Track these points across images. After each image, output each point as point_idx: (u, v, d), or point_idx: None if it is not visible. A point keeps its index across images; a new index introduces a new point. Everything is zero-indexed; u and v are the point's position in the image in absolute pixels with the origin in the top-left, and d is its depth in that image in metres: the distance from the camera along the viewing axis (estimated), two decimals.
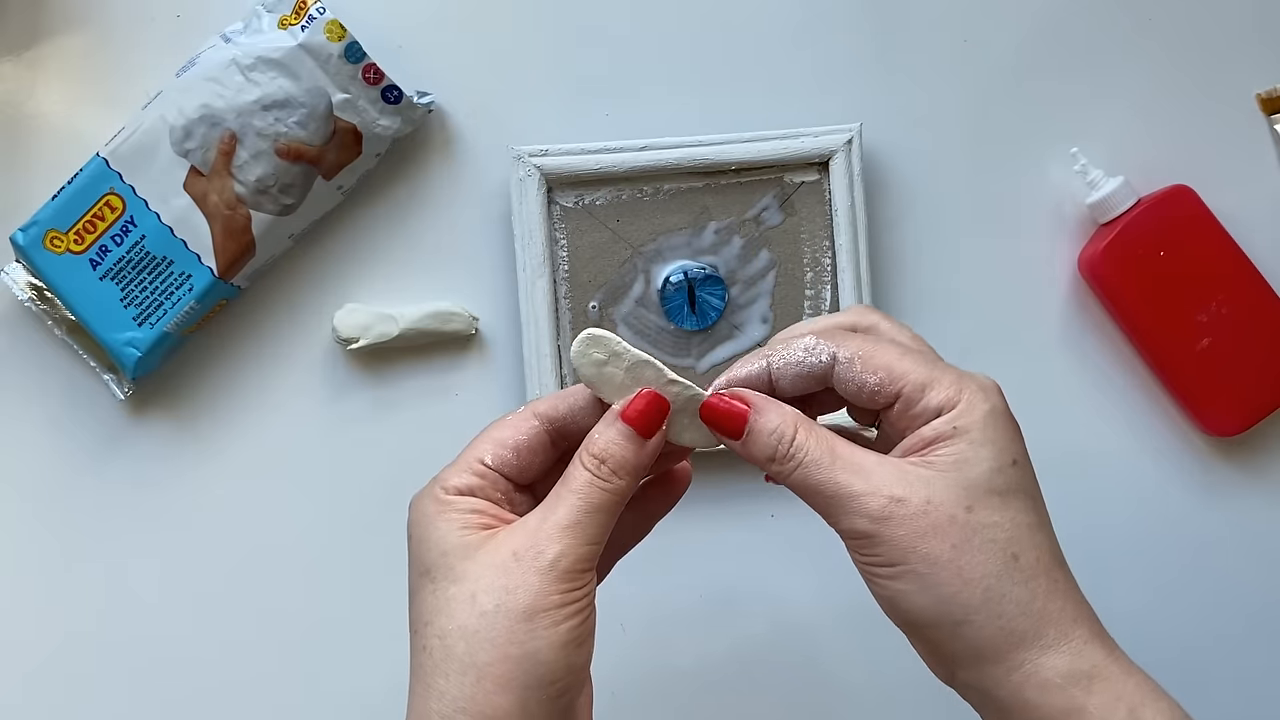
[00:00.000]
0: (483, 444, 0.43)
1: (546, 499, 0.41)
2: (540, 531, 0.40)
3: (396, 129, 0.60)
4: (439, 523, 0.41)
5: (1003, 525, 0.39)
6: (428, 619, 0.40)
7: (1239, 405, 0.63)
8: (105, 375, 0.62)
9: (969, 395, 0.40)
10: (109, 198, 0.59)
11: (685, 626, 0.64)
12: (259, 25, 0.59)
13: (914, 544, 0.39)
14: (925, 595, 0.39)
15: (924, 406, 0.40)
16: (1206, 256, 0.63)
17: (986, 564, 0.39)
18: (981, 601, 0.38)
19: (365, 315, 0.62)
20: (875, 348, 0.42)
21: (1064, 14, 0.64)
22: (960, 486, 0.39)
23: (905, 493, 0.39)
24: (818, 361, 0.42)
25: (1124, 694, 0.39)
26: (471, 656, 0.39)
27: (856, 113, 0.63)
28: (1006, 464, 0.40)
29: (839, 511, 0.40)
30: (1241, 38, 0.65)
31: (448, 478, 0.42)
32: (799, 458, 0.40)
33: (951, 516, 0.39)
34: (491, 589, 0.39)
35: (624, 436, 0.41)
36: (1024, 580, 0.39)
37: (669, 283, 0.62)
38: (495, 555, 0.40)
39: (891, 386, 0.41)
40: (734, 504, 0.64)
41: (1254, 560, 0.66)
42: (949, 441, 0.40)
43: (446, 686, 0.39)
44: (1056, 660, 0.39)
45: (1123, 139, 0.64)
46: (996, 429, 0.40)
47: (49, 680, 0.63)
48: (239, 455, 0.63)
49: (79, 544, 0.63)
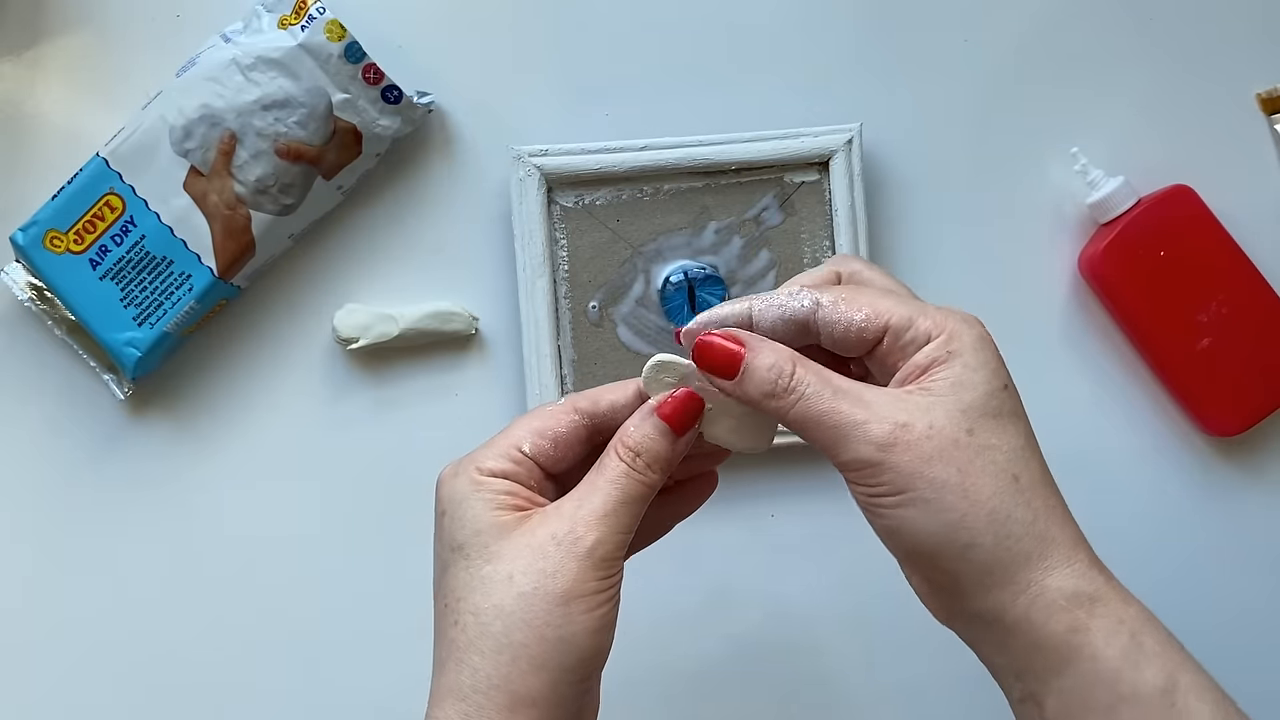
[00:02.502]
0: (520, 431, 0.43)
1: (580, 486, 0.42)
2: (577, 518, 0.41)
3: (396, 129, 0.60)
4: (473, 501, 0.42)
5: (1002, 447, 0.39)
6: (461, 595, 0.41)
7: (1239, 405, 0.63)
8: (105, 375, 0.62)
9: (955, 323, 0.41)
10: (109, 198, 0.59)
11: (685, 626, 0.64)
12: (259, 25, 0.59)
13: (920, 469, 0.38)
14: (932, 520, 0.39)
15: (913, 335, 0.41)
16: (1206, 256, 0.63)
17: (991, 485, 0.39)
18: (988, 523, 0.39)
19: (365, 315, 0.62)
20: (856, 291, 0.42)
21: (1064, 14, 0.64)
22: (960, 410, 0.39)
23: (909, 418, 0.39)
24: (800, 306, 0.42)
25: (1126, 618, 0.40)
26: (508, 636, 0.39)
27: (856, 113, 0.63)
28: (999, 387, 0.40)
29: (843, 441, 0.39)
30: (1241, 38, 0.65)
31: (483, 459, 0.43)
32: (800, 390, 0.40)
33: (955, 440, 0.39)
34: (529, 571, 0.40)
35: (659, 431, 0.42)
36: (1026, 501, 0.39)
37: (669, 283, 0.62)
38: (533, 537, 0.40)
39: (878, 320, 0.41)
40: (734, 504, 0.64)
41: (1254, 560, 0.66)
42: (944, 365, 0.40)
43: (481, 663, 0.40)
44: (1061, 581, 0.39)
45: (1123, 139, 0.64)
46: (987, 353, 0.41)
47: (49, 679, 0.62)
48: (239, 455, 0.63)
49: (79, 544, 0.63)
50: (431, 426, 0.63)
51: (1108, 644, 0.39)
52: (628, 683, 0.64)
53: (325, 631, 0.63)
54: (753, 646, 0.65)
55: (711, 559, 0.65)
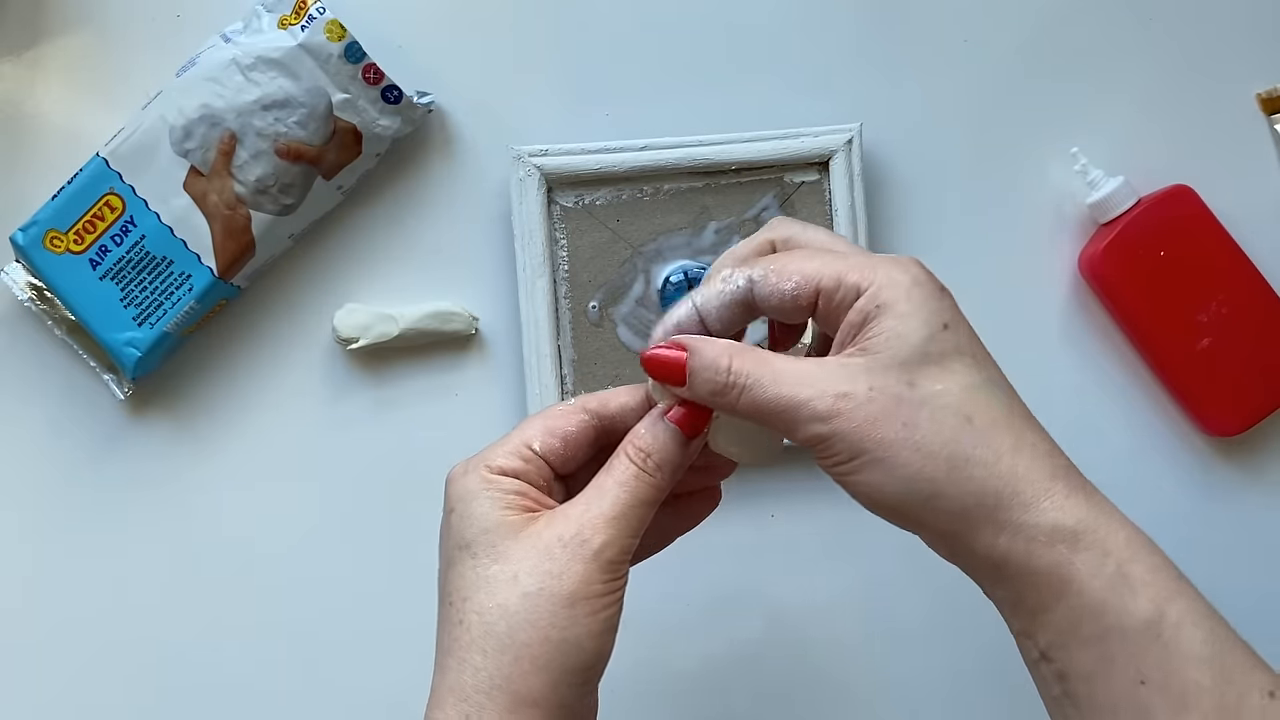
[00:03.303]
0: (531, 430, 0.43)
1: (588, 489, 0.42)
2: (585, 520, 0.41)
3: (396, 129, 0.60)
4: (482, 499, 0.41)
5: (949, 391, 0.39)
6: (466, 594, 0.41)
7: (1239, 405, 0.63)
8: (105, 375, 0.62)
9: (884, 270, 0.40)
10: (109, 198, 0.59)
11: (685, 626, 0.64)
12: (259, 25, 0.59)
13: (866, 432, 0.38)
14: (891, 479, 0.39)
15: (843, 293, 0.40)
16: (1206, 256, 0.63)
17: (941, 433, 0.38)
18: (946, 471, 0.38)
19: (365, 315, 0.62)
20: (786, 259, 0.42)
21: (1064, 14, 0.64)
22: (897, 364, 0.39)
23: (849, 387, 0.39)
24: (735, 288, 0.42)
25: (1112, 549, 0.39)
26: (512, 636, 0.39)
27: (856, 113, 0.63)
28: (937, 329, 0.40)
29: (793, 422, 0.39)
30: (1241, 38, 0.65)
31: (493, 457, 0.43)
32: (740, 383, 0.40)
33: (896, 396, 0.39)
34: (535, 571, 0.40)
35: (670, 434, 0.42)
36: (983, 441, 0.39)
37: (669, 283, 0.62)
38: (540, 539, 0.40)
39: (807, 286, 0.41)
40: (734, 504, 0.64)
41: (1254, 560, 0.66)
42: (875, 321, 0.40)
43: (483, 663, 0.40)
44: (1038, 518, 0.38)
45: (1123, 139, 0.64)
46: (920, 297, 0.40)
47: (49, 680, 0.62)
48: (239, 455, 0.63)
49: (79, 543, 0.63)
50: (431, 426, 0.63)
51: (1093, 577, 0.38)
52: (628, 683, 0.64)
53: (326, 631, 0.63)
54: (752, 647, 0.65)
55: (712, 559, 0.64)
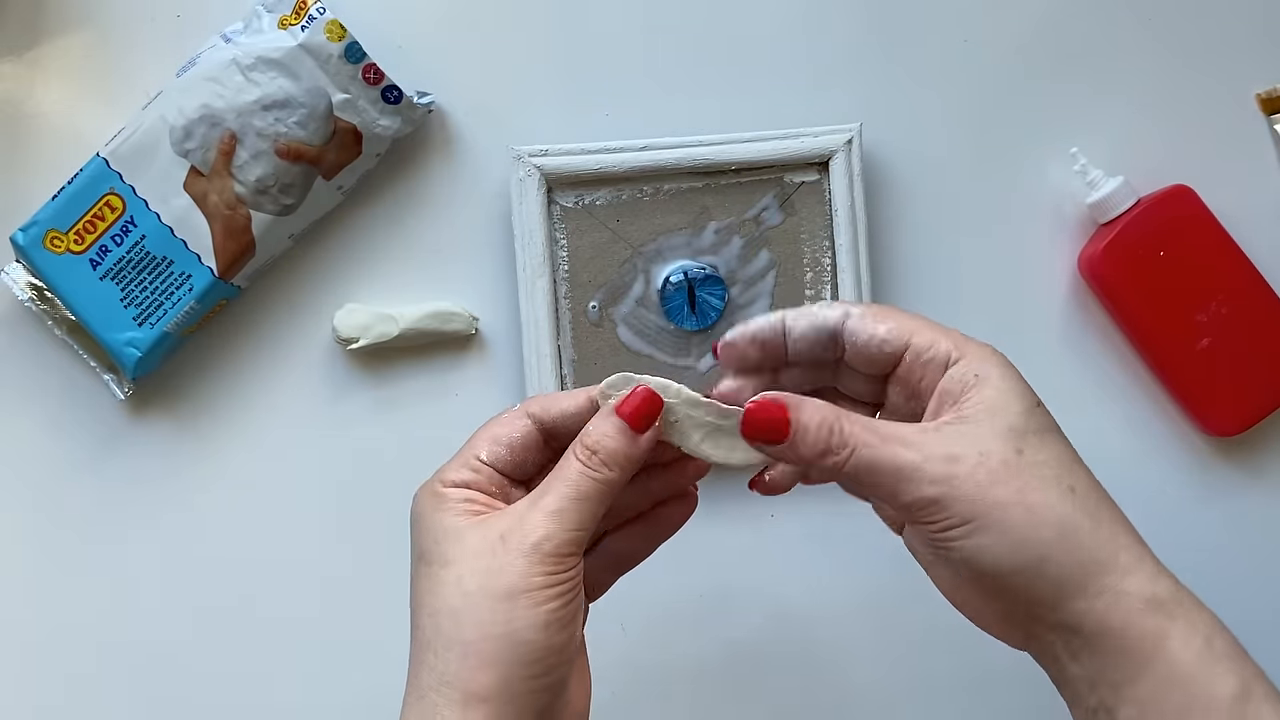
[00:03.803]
0: (479, 441, 0.44)
1: (539, 487, 0.43)
2: (527, 516, 0.41)
3: (396, 129, 0.60)
4: (436, 513, 0.43)
5: (1051, 462, 0.40)
6: (421, 600, 0.42)
7: (1239, 405, 0.63)
8: (105, 375, 0.62)
9: (975, 346, 0.42)
10: (109, 198, 0.59)
11: (685, 626, 0.64)
12: (259, 25, 0.59)
13: (982, 495, 0.39)
14: (1004, 541, 0.39)
15: (933, 353, 0.42)
16: (1206, 256, 0.63)
17: (1051, 499, 0.40)
18: (1057, 535, 0.39)
19: (365, 315, 0.62)
20: (883, 307, 0.44)
21: (1064, 14, 0.64)
22: (1003, 433, 0.40)
23: (959, 450, 0.40)
24: (830, 315, 0.44)
25: (1199, 622, 0.40)
26: (458, 634, 0.40)
27: (856, 113, 0.63)
28: (1033, 405, 0.41)
29: (902, 485, 0.40)
30: (1241, 38, 0.65)
31: (446, 472, 0.44)
32: (851, 443, 0.41)
33: (1005, 462, 0.40)
34: (476, 570, 0.41)
35: (617, 430, 0.43)
36: (1086, 509, 0.40)
37: (669, 283, 0.62)
38: (483, 539, 0.41)
39: (901, 336, 0.42)
40: (734, 504, 0.64)
41: (1254, 560, 0.66)
42: (975, 390, 0.41)
43: (435, 662, 0.41)
44: (1136, 585, 0.40)
45: (1123, 139, 0.64)
46: (1013, 375, 0.42)
47: (48, 679, 0.63)
48: (239, 455, 0.63)
49: (79, 543, 0.63)
50: (431, 426, 0.63)
51: (1185, 647, 0.39)
52: (627, 683, 0.64)
53: (325, 630, 0.63)
54: (753, 646, 0.65)
55: (711, 559, 0.65)
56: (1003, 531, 0.39)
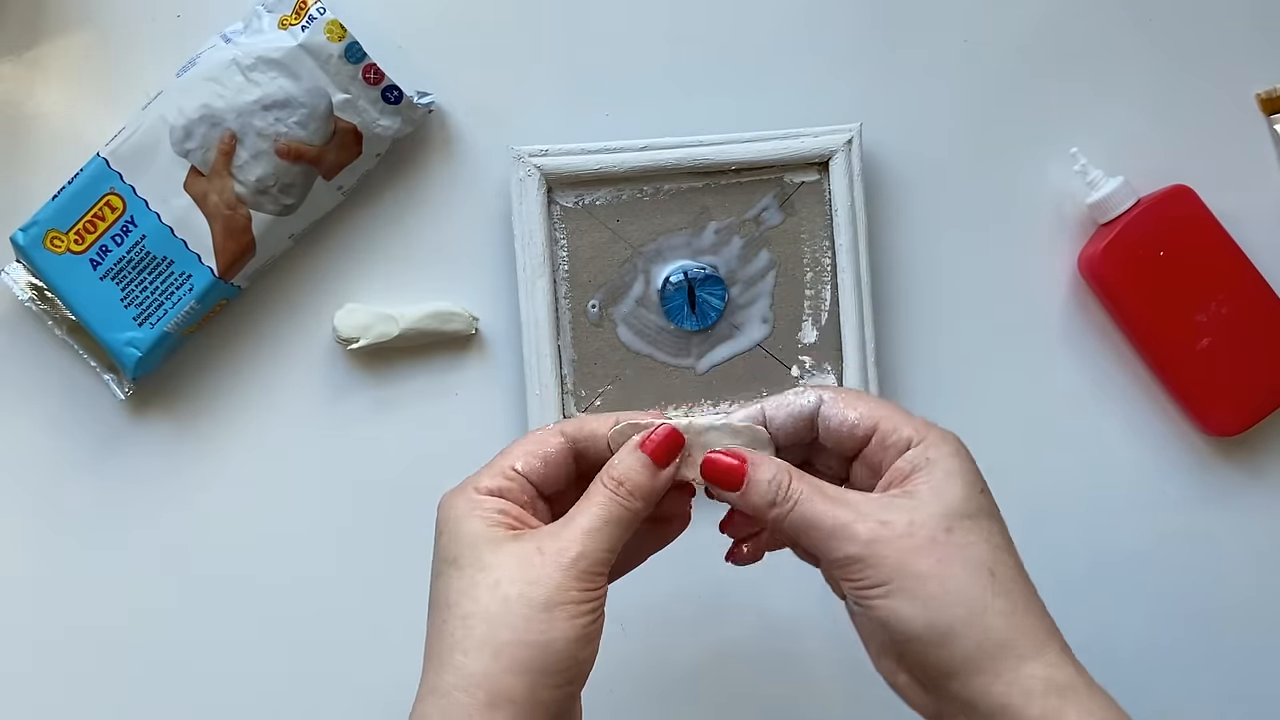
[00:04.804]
0: (514, 453, 0.46)
1: (571, 511, 0.45)
2: (563, 534, 0.44)
3: (397, 129, 0.60)
4: (469, 519, 0.44)
5: (978, 544, 0.43)
6: (452, 602, 0.43)
7: (1239, 405, 0.63)
8: (105, 375, 0.62)
9: (935, 433, 0.45)
10: (109, 198, 0.59)
11: (684, 627, 0.64)
12: (259, 25, 0.59)
13: (902, 561, 0.42)
14: (915, 608, 0.42)
15: (896, 438, 0.45)
16: (1206, 256, 0.63)
17: (968, 578, 0.42)
18: (967, 613, 0.42)
19: (365, 315, 0.62)
20: (854, 393, 0.47)
21: (1064, 14, 0.64)
22: (939, 511, 0.43)
23: (891, 517, 0.43)
24: (806, 403, 0.47)
25: (1094, 709, 0.42)
26: (492, 638, 0.42)
27: (856, 113, 0.63)
28: (976, 491, 0.44)
29: (832, 540, 0.43)
30: (1241, 38, 0.65)
31: (480, 480, 0.45)
32: (795, 498, 0.44)
33: (933, 537, 0.43)
34: (515, 579, 0.42)
35: (641, 464, 0.46)
36: (1003, 594, 0.42)
37: (669, 283, 0.62)
38: (521, 550, 0.43)
39: (869, 420, 0.46)
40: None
41: (1254, 560, 0.66)
42: (925, 471, 0.44)
43: (465, 662, 0.42)
44: (1037, 669, 0.42)
45: (1122, 139, 0.64)
46: (965, 460, 0.45)
47: (48, 679, 0.63)
48: (239, 455, 0.63)
49: (78, 543, 0.63)
50: (431, 426, 0.63)
51: None
52: (627, 683, 0.64)
53: (325, 630, 0.63)
54: (751, 647, 0.65)
55: (710, 560, 0.64)
56: (916, 600, 0.42)
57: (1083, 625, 0.65)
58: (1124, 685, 0.66)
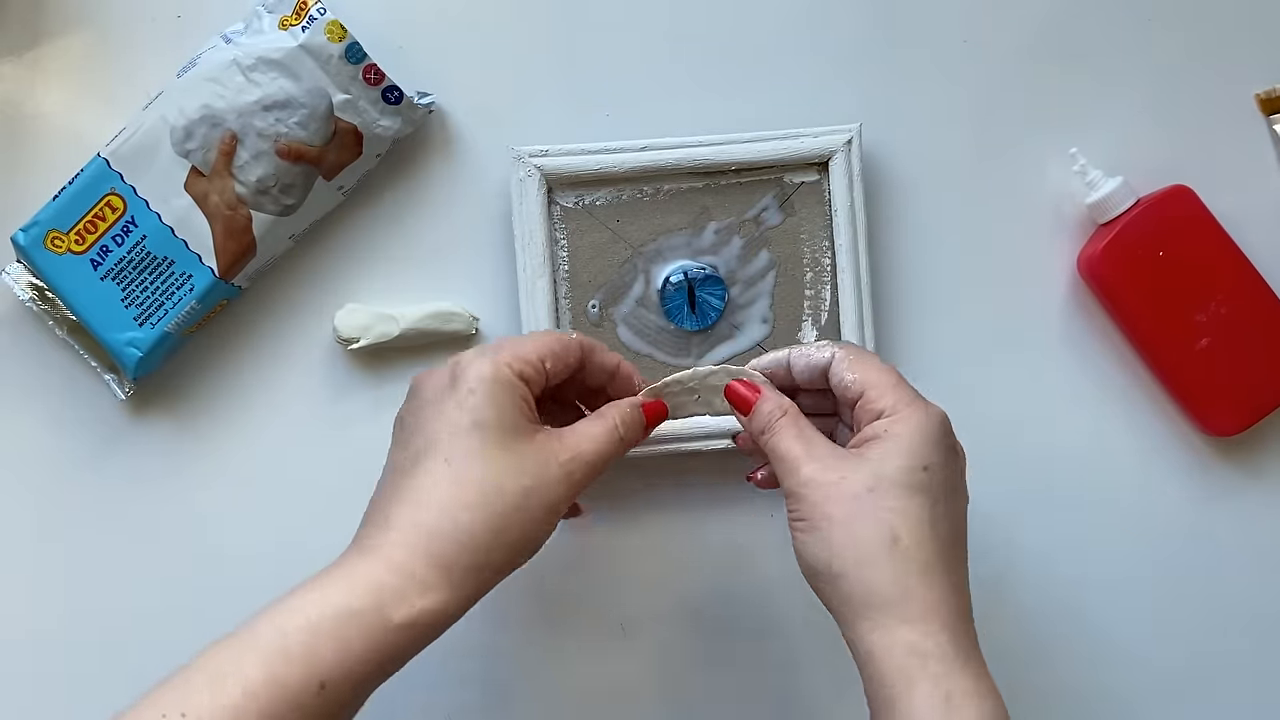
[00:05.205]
0: (544, 346, 0.51)
1: (580, 430, 0.51)
2: (577, 453, 0.50)
3: (397, 129, 0.60)
4: (506, 393, 0.49)
5: (894, 511, 0.47)
6: (470, 463, 0.47)
7: (1238, 405, 0.63)
8: (106, 375, 0.62)
9: (910, 410, 0.49)
10: (110, 198, 0.59)
11: (685, 626, 0.65)
12: (260, 26, 0.59)
13: (823, 504, 0.48)
14: (819, 547, 0.48)
15: (875, 406, 0.50)
16: (1206, 256, 0.63)
17: (870, 535, 0.47)
18: (858, 564, 0.47)
19: (365, 315, 0.62)
20: (864, 356, 0.52)
21: (1063, 14, 0.64)
22: (871, 473, 0.48)
23: (830, 466, 0.49)
24: (822, 357, 0.53)
25: (951, 685, 0.46)
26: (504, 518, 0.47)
27: (856, 113, 0.63)
28: (918, 468, 0.48)
29: (784, 473, 0.50)
30: (1241, 38, 0.65)
31: (514, 359, 0.50)
32: (776, 430, 0.51)
33: (855, 493, 0.48)
34: (535, 474, 0.48)
35: (639, 421, 0.53)
36: (900, 559, 0.47)
37: (669, 283, 0.62)
38: (541, 453, 0.49)
39: (859, 387, 0.51)
40: (734, 504, 0.64)
41: (1254, 560, 0.66)
42: (880, 441, 0.49)
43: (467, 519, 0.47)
44: (908, 633, 0.46)
45: (1122, 139, 0.64)
46: (922, 440, 0.49)
47: (48, 679, 0.63)
48: (239, 455, 0.63)
49: (79, 543, 0.63)
50: None
51: (925, 700, 0.45)
52: (628, 682, 0.64)
53: None
54: (752, 647, 0.65)
55: (712, 559, 0.65)
56: (822, 539, 0.48)
57: (1082, 624, 0.66)
58: (1124, 685, 0.66)
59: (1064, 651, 0.65)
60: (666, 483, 0.64)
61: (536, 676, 0.64)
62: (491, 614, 0.64)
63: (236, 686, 0.42)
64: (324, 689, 0.43)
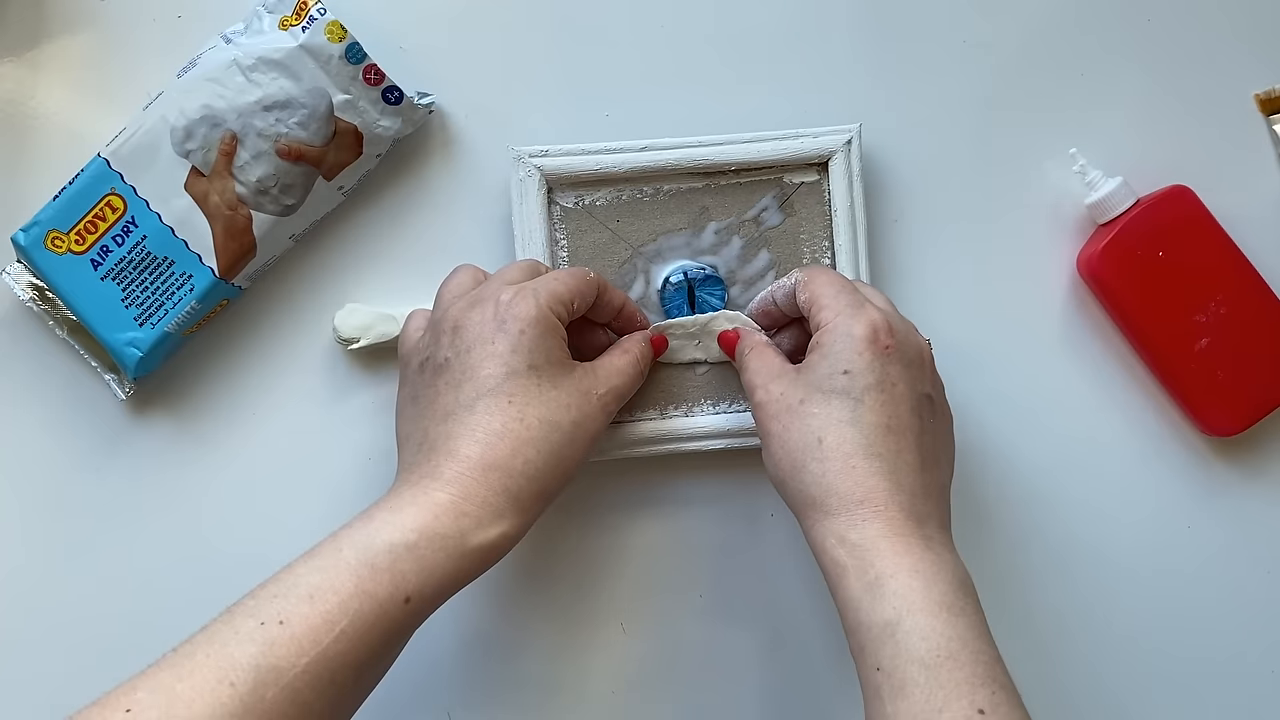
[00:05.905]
0: (573, 287, 0.55)
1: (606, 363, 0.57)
2: (610, 386, 0.56)
3: (397, 130, 0.60)
4: (553, 335, 0.54)
5: (818, 416, 0.52)
6: (527, 401, 0.52)
7: (1238, 405, 0.63)
8: (106, 375, 0.62)
9: (843, 318, 0.53)
10: (110, 198, 0.59)
11: (685, 626, 0.65)
12: (260, 26, 0.59)
13: (765, 421, 0.54)
14: (769, 461, 0.54)
15: (817, 320, 0.55)
16: (1205, 257, 0.63)
17: (798, 441, 0.52)
18: (791, 468, 0.52)
19: (365, 315, 0.62)
20: (816, 274, 0.57)
21: (1063, 15, 0.64)
22: (803, 384, 0.53)
23: (775, 385, 0.54)
24: (789, 283, 0.58)
25: (880, 567, 0.49)
26: (558, 452, 0.52)
27: (856, 113, 0.63)
28: (838, 372, 0.52)
29: (747, 396, 0.56)
30: (1241, 38, 0.65)
31: (555, 303, 0.54)
32: (745, 364, 0.57)
33: (789, 406, 0.53)
34: (581, 407, 0.54)
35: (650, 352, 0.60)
36: (822, 459, 0.51)
37: (669, 283, 0.62)
38: (580, 385, 0.54)
39: (807, 304, 0.56)
40: (734, 504, 0.64)
41: (1254, 560, 0.66)
42: (814, 351, 0.54)
43: (534, 456, 0.52)
44: (835, 525, 0.51)
45: (1121, 139, 0.64)
46: (845, 348, 0.53)
47: (48, 679, 0.63)
48: (239, 455, 0.63)
49: (79, 544, 0.63)
50: None
51: (856, 580, 0.49)
52: (628, 683, 0.64)
53: None
54: (753, 646, 0.65)
55: (712, 559, 0.65)
56: (769, 452, 0.54)
57: (1082, 624, 0.66)
58: (1123, 684, 0.66)
59: (1064, 651, 0.65)
60: (666, 482, 0.64)
61: (537, 674, 0.64)
62: (493, 611, 0.64)
63: (333, 597, 0.46)
64: (409, 602, 0.47)
